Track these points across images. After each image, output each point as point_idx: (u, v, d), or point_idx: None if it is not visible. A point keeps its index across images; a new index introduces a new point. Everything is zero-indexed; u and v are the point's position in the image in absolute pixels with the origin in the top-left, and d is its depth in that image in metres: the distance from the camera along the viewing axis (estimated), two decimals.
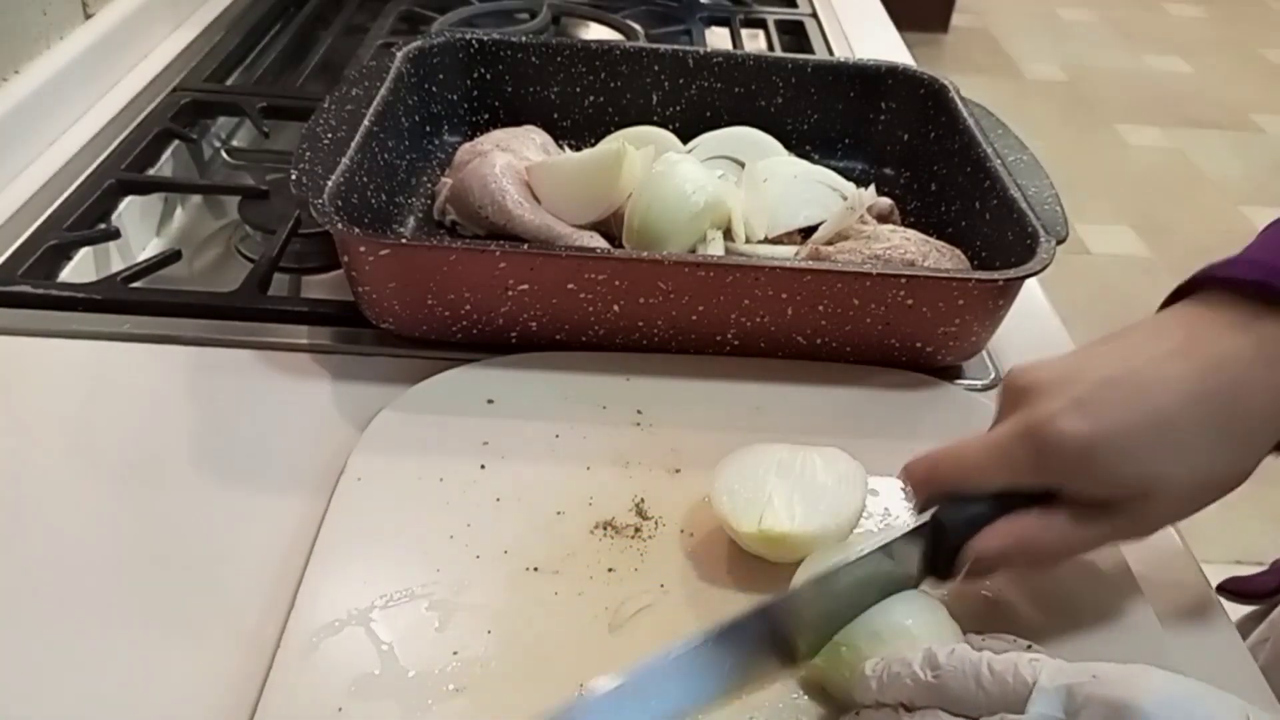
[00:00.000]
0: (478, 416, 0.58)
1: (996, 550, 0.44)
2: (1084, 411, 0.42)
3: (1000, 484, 0.44)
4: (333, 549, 0.49)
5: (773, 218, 0.73)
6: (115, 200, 0.78)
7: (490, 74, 0.84)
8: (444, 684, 0.44)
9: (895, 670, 0.40)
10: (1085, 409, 0.42)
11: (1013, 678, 0.37)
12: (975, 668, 0.38)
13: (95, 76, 0.91)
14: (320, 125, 0.68)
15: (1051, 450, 0.42)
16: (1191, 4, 4.38)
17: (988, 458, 0.44)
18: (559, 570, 0.49)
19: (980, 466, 0.44)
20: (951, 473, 0.45)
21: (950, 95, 0.79)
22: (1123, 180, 3.04)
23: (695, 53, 0.83)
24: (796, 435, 0.54)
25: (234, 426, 0.59)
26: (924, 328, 0.62)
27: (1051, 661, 0.37)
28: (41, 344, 0.63)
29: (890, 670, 0.40)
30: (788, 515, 0.48)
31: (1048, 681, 0.36)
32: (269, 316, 0.66)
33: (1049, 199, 0.67)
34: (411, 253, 0.60)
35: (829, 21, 1.22)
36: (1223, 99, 3.54)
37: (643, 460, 0.56)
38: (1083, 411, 0.42)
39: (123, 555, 0.50)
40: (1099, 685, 0.35)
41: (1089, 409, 0.42)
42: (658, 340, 0.63)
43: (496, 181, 0.70)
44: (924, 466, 0.46)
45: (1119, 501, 0.43)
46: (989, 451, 0.44)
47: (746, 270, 0.60)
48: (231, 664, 0.45)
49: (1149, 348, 0.44)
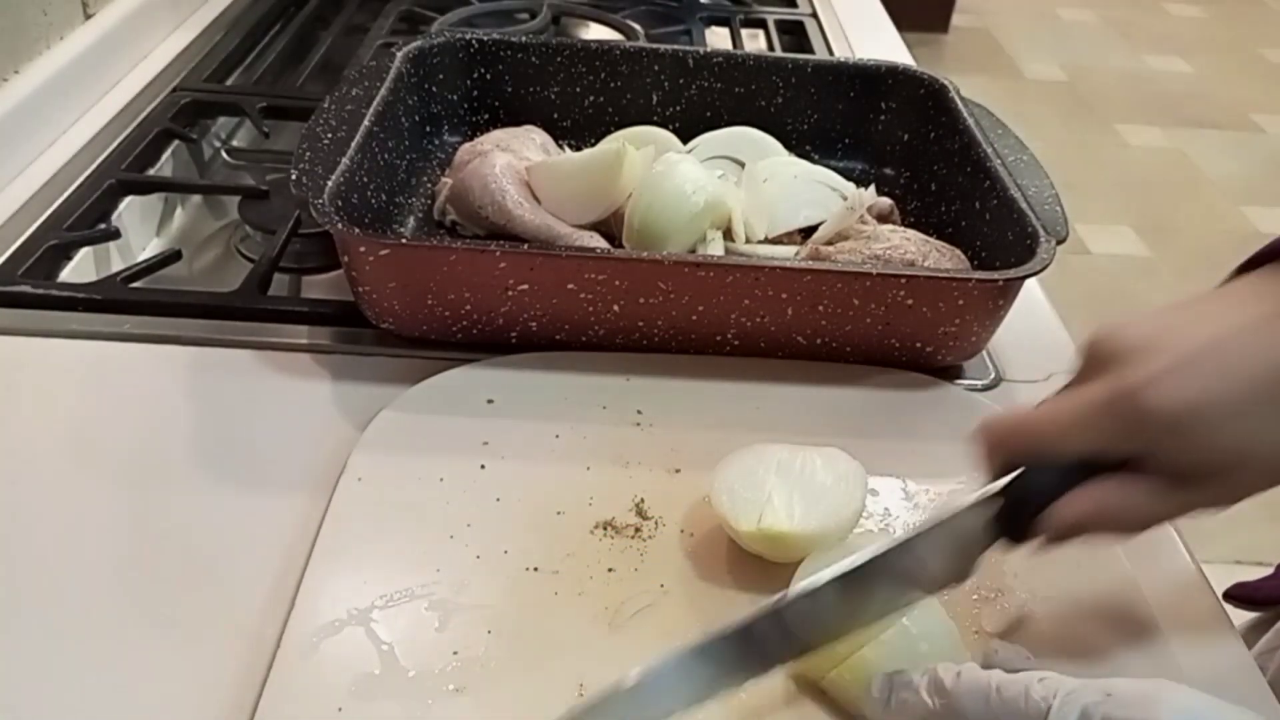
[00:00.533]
0: (478, 416, 0.58)
1: (1078, 518, 0.43)
2: (1178, 379, 0.41)
3: (1085, 450, 0.42)
4: (333, 549, 0.49)
5: (773, 218, 0.73)
6: (115, 200, 0.78)
7: (490, 74, 0.84)
8: (444, 684, 0.44)
9: (902, 696, 0.40)
10: (1181, 376, 0.41)
11: (1025, 702, 0.36)
12: (984, 691, 0.37)
13: (95, 76, 0.91)
14: (320, 125, 0.68)
15: (1143, 417, 0.41)
16: (1191, 4, 4.38)
17: (1074, 423, 0.42)
18: (559, 570, 0.49)
19: (1065, 432, 0.43)
20: (1034, 437, 0.43)
21: (950, 95, 0.79)
22: (1123, 180, 3.03)
23: (695, 53, 0.83)
24: (796, 435, 0.54)
25: (234, 426, 0.59)
26: (924, 328, 0.62)
27: (1064, 682, 0.36)
28: (41, 344, 0.63)
29: (897, 696, 0.40)
30: (787, 514, 0.48)
31: (1060, 705, 0.35)
32: (269, 316, 0.66)
33: (1049, 199, 0.67)
34: (411, 253, 0.60)
35: (829, 21, 1.22)
36: (1223, 99, 3.54)
37: (643, 460, 0.56)
38: (1177, 379, 0.41)
39: (122, 555, 0.50)
40: (1115, 706, 0.34)
41: (1184, 376, 0.41)
42: (658, 340, 0.63)
43: (496, 181, 0.70)
44: (1003, 428, 0.44)
45: (1206, 471, 0.42)
46: (1075, 416, 0.42)
47: (746, 270, 0.60)
48: (231, 664, 0.45)
49: (1234, 316, 0.43)
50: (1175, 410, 0.41)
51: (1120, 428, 0.42)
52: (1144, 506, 0.43)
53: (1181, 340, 0.42)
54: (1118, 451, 0.42)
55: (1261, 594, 0.68)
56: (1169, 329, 0.43)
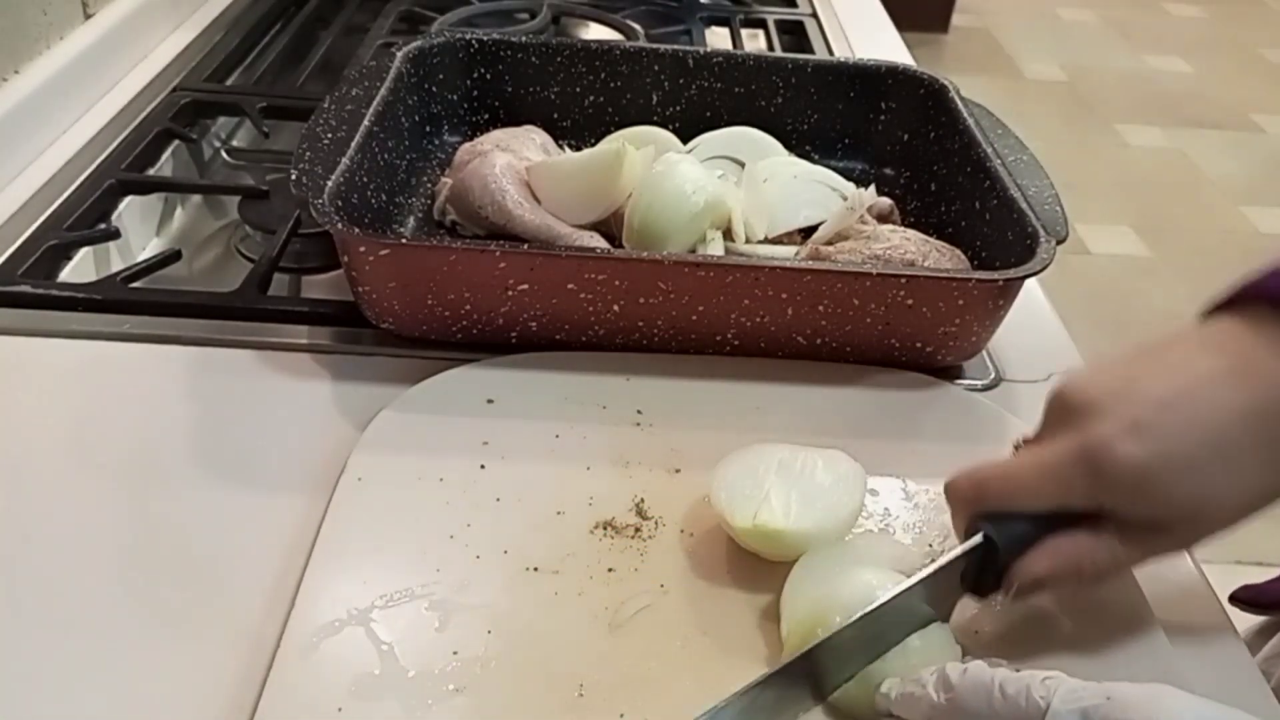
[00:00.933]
0: (478, 416, 0.58)
1: (1047, 571, 0.44)
2: (1141, 435, 0.41)
3: (1052, 505, 0.44)
4: (333, 549, 0.49)
5: (773, 218, 0.73)
6: (115, 200, 0.78)
7: (490, 74, 0.84)
8: (444, 684, 0.44)
9: (909, 690, 0.40)
10: (1142, 433, 0.41)
11: (1025, 700, 0.36)
12: (988, 689, 0.37)
13: (95, 76, 0.91)
14: (320, 125, 0.68)
15: (1108, 474, 0.42)
16: (1191, 4, 4.38)
17: (1041, 479, 0.44)
18: (559, 570, 0.49)
19: (1032, 488, 0.44)
20: (1000, 492, 0.45)
21: (950, 95, 0.79)
22: (1123, 180, 3.04)
23: (695, 53, 0.83)
24: (796, 435, 0.54)
25: (234, 426, 0.59)
26: (924, 328, 0.62)
27: (1066, 682, 0.37)
28: (41, 344, 0.63)
29: (905, 690, 0.40)
30: (783, 512, 0.48)
31: (1061, 705, 0.35)
32: (269, 316, 0.66)
33: (1049, 199, 0.67)
34: (411, 253, 0.60)
35: (829, 21, 1.22)
36: (1223, 99, 3.54)
37: (643, 460, 0.56)
38: (1140, 435, 0.41)
39: (122, 555, 0.50)
40: (1116, 708, 0.34)
41: (1146, 433, 0.41)
42: (658, 340, 0.63)
43: (496, 181, 0.70)
44: (970, 484, 0.46)
45: (1167, 523, 0.43)
46: (1042, 473, 0.44)
47: (746, 270, 0.60)
48: (231, 664, 0.45)
49: (1199, 365, 0.43)
50: (1136, 467, 0.41)
51: (1086, 484, 0.43)
52: (1107, 559, 0.44)
53: (1145, 393, 0.43)
54: (1081, 506, 0.43)
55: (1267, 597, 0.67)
56: (1130, 381, 0.43)
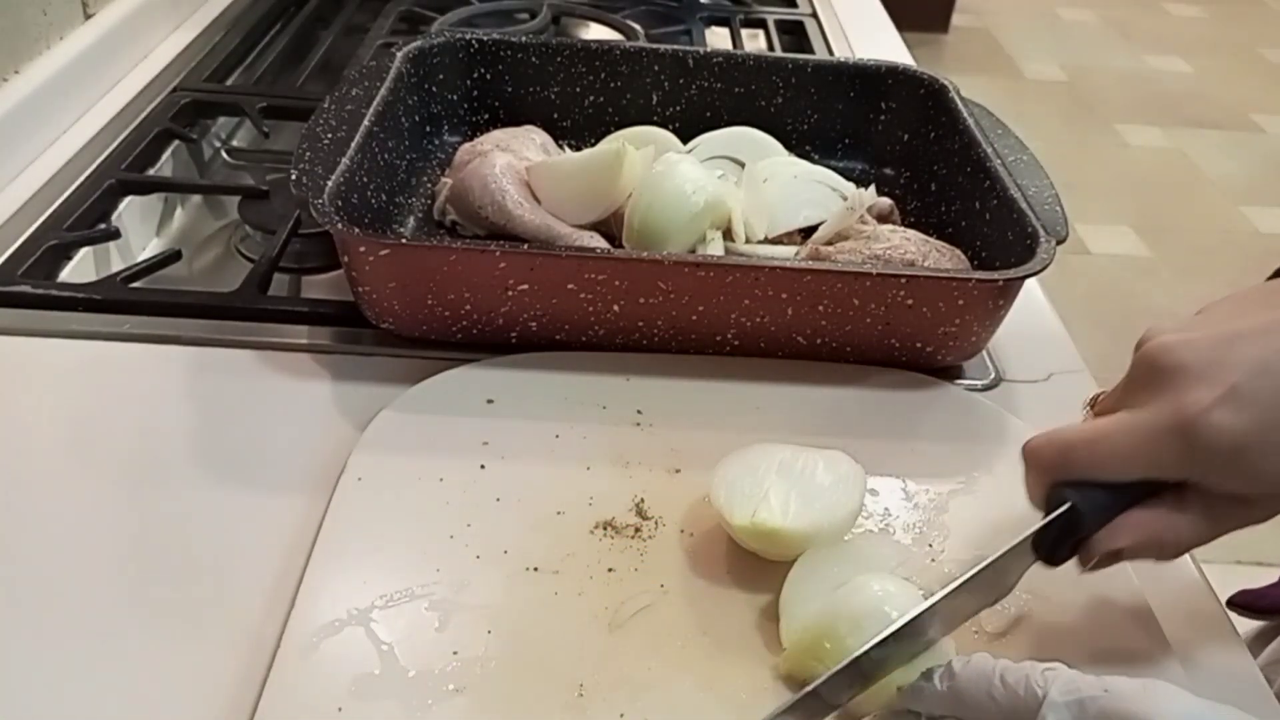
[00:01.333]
0: (478, 416, 0.58)
1: (1125, 545, 0.43)
2: (1240, 405, 0.40)
3: (1139, 475, 0.42)
4: (333, 549, 0.49)
5: (773, 218, 0.73)
6: (115, 200, 0.78)
7: (490, 74, 0.84)
8: (444, 684, 0.44)
9: (916, 683, 0.40)
10: (1242, 403, 0.40)
11: (1024, 690, 0.37)
12: (988, 678, 0.38)
13: (95, 76, 0.91)
14: (320, 125, 0.68)
15: (1204, 446, 0.40)
16: (1191, 4, 4.38)
17: (1132, 448, 0.42)
18: (559, 570, 0.49)
19: (1121, 455, 0.42)
20: (1088, 460, 0.43)
21: (950, 95, 0.79)
22: (1123, 180, 3.04)
23: (695, 53, 0.83)
24: (796, 435, 0.54)
25: (234, 426, 0.59)
26: (924, 328, 0.62)
27: (1065, 673, 0.37)
28: (41, 344, 0.63)
29: (914, 683, 0.40)
30: (782, 511, 0.48)
31: (1058, 695, 0.36)
32: (269, 316, 0.66)
33: (1049, 199, 0.67)
34: (411, 253, 0.60)
35: (829, 21, 1.22)
36: (1223, 99, 3.54)
37: (643, 460, 0.56)
38: (1239, 405, 0.40)
39: (122, 555, 0.50)
40: (1112, 700, 0.35)
41: (1245, 403, 0.40)
42: (658, 340, 0.63)
43: (496, 181, 0.70)
44: (1054, 450, 0.44)
45: (1254, 496, 0.42)
46: (1133, 441, 0.42)
47: (746, 270, 0.60)
48: (231, 664, 0.45)
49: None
50: (1234, 440, 0.40)
51: (1180, 455, 0.41)
52: (1188, 532, 0.43)
53: (1241, 357, 0.41)
54: (1170, 477, 0.42)
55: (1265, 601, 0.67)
56: (1226, 343, 0.41)
